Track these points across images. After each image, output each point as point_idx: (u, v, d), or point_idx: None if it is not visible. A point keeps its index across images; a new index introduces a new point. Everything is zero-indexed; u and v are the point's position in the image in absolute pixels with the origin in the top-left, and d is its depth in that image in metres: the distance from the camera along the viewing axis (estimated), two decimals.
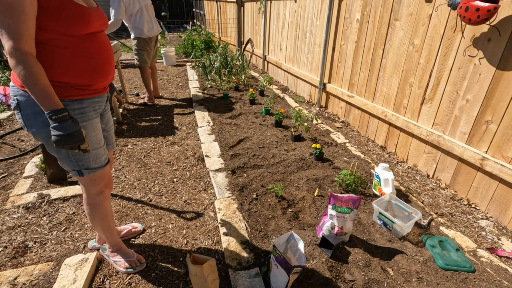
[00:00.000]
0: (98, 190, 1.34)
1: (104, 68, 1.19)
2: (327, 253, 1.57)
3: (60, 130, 1.02)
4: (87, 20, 1.08)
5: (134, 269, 1.51)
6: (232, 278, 1.45)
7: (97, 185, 1.32)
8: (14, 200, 2.03)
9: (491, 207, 2.02)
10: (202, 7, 11.71)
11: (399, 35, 2.56)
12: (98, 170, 1.27)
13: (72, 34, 1.06)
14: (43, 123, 1.10)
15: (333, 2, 3.39)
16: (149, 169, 2.48)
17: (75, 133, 1.05)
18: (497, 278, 1.50)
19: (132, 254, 1.56)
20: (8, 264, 1.54)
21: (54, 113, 1.01)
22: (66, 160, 1.20)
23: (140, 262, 1.54)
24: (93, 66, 1.14)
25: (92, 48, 1.13)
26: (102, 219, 1.42)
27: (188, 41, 7.54)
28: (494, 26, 1.83)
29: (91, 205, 1.37)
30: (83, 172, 1.24)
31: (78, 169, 1.22)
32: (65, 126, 1.02)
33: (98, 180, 1.31)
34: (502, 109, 1.86)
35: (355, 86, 3.26)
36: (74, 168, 1.22)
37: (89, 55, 1.12)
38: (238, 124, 3.38)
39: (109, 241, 1.52)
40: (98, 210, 1.39)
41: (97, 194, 1.35)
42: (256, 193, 2.10)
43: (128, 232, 1.73)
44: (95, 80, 1.17)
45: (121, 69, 3.98)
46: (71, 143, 1.05)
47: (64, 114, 1.03)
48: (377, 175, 2.11)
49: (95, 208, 1.38)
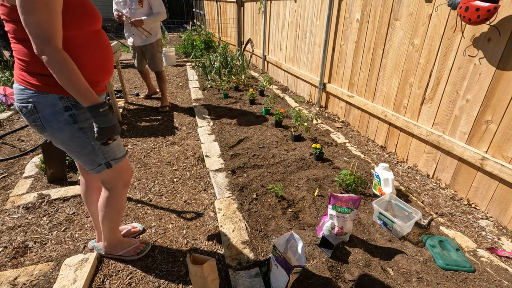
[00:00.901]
0: (124, 182, 1.34)
1: (110, 63, 1.23)
2: (327, 253, 1.57)
3: (106, 122, 1.08)
4: (98, 15, 1.12)
5: (143, 251, 1.59)
6: (232, 278, 1.45)
7: (124, 176, 1.33)
8: (14, 200, 2.03)
9: (491, 207, 2.02)
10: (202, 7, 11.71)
11: (399, 35, 2.56)
12: (122, 159, 1.29)
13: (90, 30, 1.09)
14: (65, 122, 1.11)
15: (333, 2, 3.39)
16: (149, 169, 2.48)
17: (116, 124, 1.12)
18: (497, 278, 1.50)
19: (134, 240, 1.60)
20: (8, 264, 1.54)
21: (100, 106, 1.06)
22: (92, 155, 1.19)
23: (145, 244, 1.62)
24: (104, 61, 1.18)
25: (103, 43, 1.17)
26: (119, 212, 1.42)
27: (188, 41, 7.54)
28: (494, 26, 1.83)
29: (116, 199, 1.35)
30: (111, 164, 1.24)
31: (106, 162, 1.23)
32: (109, 119, 1.09)
33: (125, 171, 1.32)
34: (502, 109, 1.86)
35: (355, 86, 3.26)
36: (101, 161, 1.22)
37: (102, 49, 1.17)
38: (238, 124, 3.38)
39: (114, 235, 1.51)
40: (120, 203, 1.38)
41: (123, 186, 1.35)
42: (256, 193, 2.10)
43: (127, 232, 1.73)
44: (104, 75, 1.21)
45: (121, 69, 3.98)
46: (113, 134, 1.11)
47: (106, 108, 1.09)
48: (377, 175, 2.11)
49: (120, 201, 1.37)
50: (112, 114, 1.14)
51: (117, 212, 1.42)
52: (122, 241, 1.56)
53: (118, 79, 5.22)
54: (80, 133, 1.14)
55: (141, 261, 1.58)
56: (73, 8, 1.01)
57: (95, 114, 1.06)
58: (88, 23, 1.07)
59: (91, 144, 1.17)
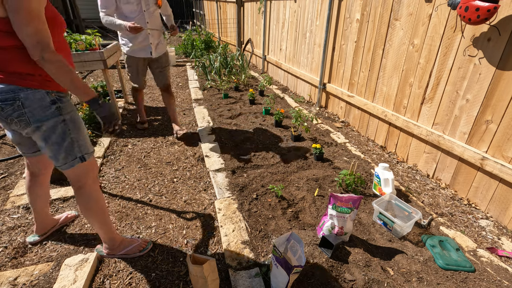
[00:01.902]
0: (94, 176, 1.39)
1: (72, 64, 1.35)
2: (327, 253, 1.57)
3: (106, 111, 1.23)
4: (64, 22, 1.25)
5: (146, 248, 1.62)
6: (232, 278, 1.45)
7: (93, 170, 1.39)
8: (14, 200, 2.03)
9: (491, 206, 2.02)
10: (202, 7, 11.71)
11: (399, 35, 2.56)
12: (93, 153, 1.37)
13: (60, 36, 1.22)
14: (52, 114, 1.19)
15: (333, 2, 3.39)
16: (149, 169, 2.48)
17: (115, 111, 1.26)
18: (497, 278, 1.50)
19: (135, 239, 1.64)
20: (8, 265, 1.54)
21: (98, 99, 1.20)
22: (69, 148, 1.26)
23: (147, 242, 1.65)
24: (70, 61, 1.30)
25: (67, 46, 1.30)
26: (103, 210, 1.45)
27: (188, 41, 7.54)
28: (494, 25, 1.83)
29: (90, 196, 1.39)
30: (86, 157, 1.31)
31: (81, 155, 1.30)
32: (108, 107, 1.23)
33: (94, 164, 1.39)
34: (502, 109, 1.86)
35: (355, 86, 3.26)
36: (77, 155, 1.28)
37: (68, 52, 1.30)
38: (238, 124, 3.38)
39: (111, 235, 1.52)
40: (98, 199, 1.42)
41: (93, 181, 1.39)
42: (256, 193, 2.10)
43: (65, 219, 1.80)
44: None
45: (120, 69, 3.98)
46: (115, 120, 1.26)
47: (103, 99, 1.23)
48: (377, 175, 2.11)
49: (94, 197, 1.40)
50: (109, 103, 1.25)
51: (101, 211, 1.44)
52: (123, 241, 1.58)
53: (118, 79, 5.22)
54: (62, 124, 1.22)
55: (141, 261, 1.58)
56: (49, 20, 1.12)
57: (95, 106, 1.19)
58: (59, 31, 1.21)
59: (71, 136, 1.25)
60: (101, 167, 2.49)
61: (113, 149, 2.79)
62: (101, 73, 5.75)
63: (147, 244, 1.64)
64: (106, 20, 2.43)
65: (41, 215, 1.63)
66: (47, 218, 1.69)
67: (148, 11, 2.55)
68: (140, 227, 1.83)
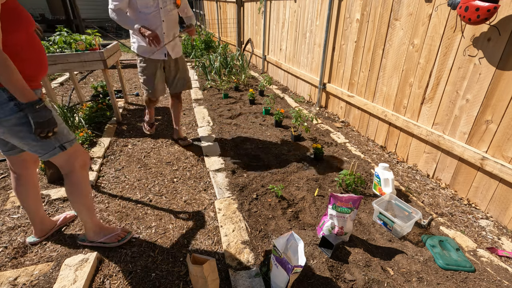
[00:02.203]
0: (82, 162, 1.40)
1: (45, 62, 1.33)
2: (327, 253, 1.57)
3: (42, 117, 1.17)
4: (30, 19, 1.21)
5: (125, 238, 1.64)
6: (232, 278, 1.45)
7: (80, 156, 1.39)
8: (14, 200, 2.03)
9: (491, 206, 2.02)
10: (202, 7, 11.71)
11: (399, 35, 2.56)
12: (75, 141, 1.36)
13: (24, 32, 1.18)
14: (11, 111, 1.17)
15: (333, 2, 3.39)
16: (149, 169, 2.48)
17: (52, 119, 1.21)
18: (497, 278, 1.50)
19: (116, 227, 1.66)
20: (8, 265, 1.54)
21: (36, 103, 1.15)
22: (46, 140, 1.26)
23: (126, 232, 1.68)
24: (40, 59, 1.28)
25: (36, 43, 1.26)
26: (87, 197, 1.48)
27: (188, 41, 7.54)
28: (494, 25, 1.83)
29: (78, 182, 1.41)
30: (66, 146, 1.31)
31: (60, 144, 1.30)
32: (46, 114, 1.18)
33: (79, 151, 1.39)
34: (502, 109, 1.86)
35: (355, 86, 3.26)
36: (55, 144, 1.29)
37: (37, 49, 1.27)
38: (238, 124, 3.38)
39: (94, 222, 1.57)
40: (84, 186, 1.44)
41: (82, 166, 1.40)
42: (256, 193, 2.10)
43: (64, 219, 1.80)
44: (40, 71, 1.29)
45: (121, 69, 3.98)
46: (49, 127, 1.20)
47: (43, 104, 1.17)
48: (377, 175, 2.11)
49: (81, 184, 1.42)
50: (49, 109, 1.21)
51: (85, 197, 1.47)
52: (104, 228, 1.63)
53: (118, 79, 5.22)
54: (26, 119, 1.20)
55: (141, 261, 1.58)
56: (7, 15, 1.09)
57: (31, 110, 1.15)
58: (22, 27, 1.17)
59: None
60: (101, 167, 2.49)
61: (113, 149, 2.79)
62: (101, 73, 5.75)
63: (126, 234, 1.67)
64: (117, 16, 2.14)
65: (36, 216, 1.63)
66: (45, 220, 1.69)
67: (165, 8, 2.26)
68: (140, 227, 1.83)
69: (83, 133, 2.79)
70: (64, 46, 2.98)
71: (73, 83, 3.68)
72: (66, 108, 3.09)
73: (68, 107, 3.22)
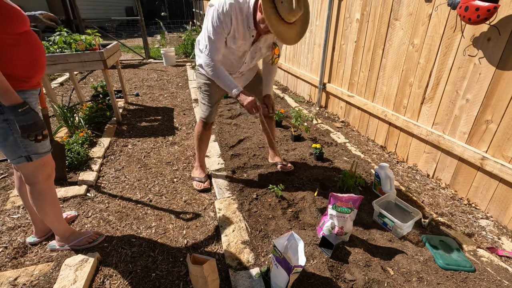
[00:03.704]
0: (46, 175, 1.39)
1: (40, 62, 1.29)
2: (327, 253, 1.57)
3: (26, 121, 1.14)
4: (24, 19, 1.18)
5: (96, 240, 1.65)
6: (232, 278, 1.45)
7: (46, 170, 1.37)
8: (14, 200, 2.03)
9: (491, 206, 2.02)
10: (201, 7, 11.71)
11: (399, 34, 2.56)
12: (45, 154, 1.34)
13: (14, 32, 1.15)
14: None
15: (333, 2, 3.39)
16: (149, 169, 2.48)
17: (39, 122, 1.18)
18: (497, 278, 1.50)
19: (86, 231, 1.67)
20: (8, 265, 1.54)
21: (18, 106, 1.12)
22: (14, 147, 1.24)
23: (99, 235, 1.68)
24: (33, 59, 1.24)
25: (30, 42, 1.23)
26: (53, 205, 1.47)
27: (188, 41, 7.54)
28: (494, 25, 1.83)
29: (41, 193, 1.40)
30: (32, 157, 1.29)
31: (27, 155, 1.28)
32: (30, 117, 1.15)
33: (47, 164, 1.37)
34: (502, 109, 1.86)
35: (355, 86, 3.26)
36: (22, 154, 1.27)
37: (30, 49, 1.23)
38: (238, 124, 3.38)
39: (62, 228, 1.56)
40: (49, 195, 1.43)
41: (45, 179, 1.39)
42: (256, 193, 2.10)
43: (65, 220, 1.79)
44: (34, 73, 1.27)
45: (120, 69, 3.98)
46: (36, 130, 1.17)
47: (27, 107, 1.14)
48: (377, 175, 2.11)
49: (46, 194, 1.41)
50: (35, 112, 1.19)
51: (52, 205, 1.46)
52: (73, 232, 1.62)
53: (118, 79, 5.22)
54: (4, 124, 1.19)
55: (141, 261, 1.58)
56: None
57: (15, 113, 1.13)
58: (13, 26, 1.13)
59: (14, 135, 1.23)
60: (101, 167, 2.49)
61: (113, 149, 2.79)
62: (101, 73, 5.75)
63: (98, 236, 1.67)
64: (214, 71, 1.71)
65: (38, 216, 1.63)
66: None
67: (248, 64, 1.92)
68: (140, 227, 1.83)
69: (83, 133, 2.79)
70: (64, 46, 2.98)
71: (73, 83, 3.68)
72: (66, 108, 3.09)
73: (68, 107, 3.23)
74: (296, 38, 1.60)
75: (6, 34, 1.12)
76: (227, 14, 1.54)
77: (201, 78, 1.94)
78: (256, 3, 1.55)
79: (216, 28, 1.59)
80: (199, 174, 2.26)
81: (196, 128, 2.14)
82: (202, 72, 1.89)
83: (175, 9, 17.20)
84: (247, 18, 1.60)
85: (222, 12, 1.54)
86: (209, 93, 1.96)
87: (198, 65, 1.90)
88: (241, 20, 1.59)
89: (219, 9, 1.54)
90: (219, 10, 1.54)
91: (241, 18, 1.59)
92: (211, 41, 1.64)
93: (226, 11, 1.53)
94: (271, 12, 1.44)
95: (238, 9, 1.55)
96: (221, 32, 1.61)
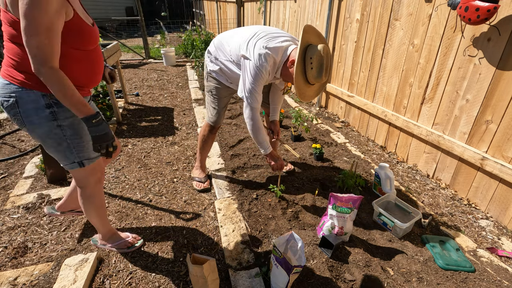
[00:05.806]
0: (97, 179, 1.40)
1: (98, 75, 1.32)
2: (327, 253, 1.57)
3: (99, 131, 1.15)
4: (95, 38, 1.22)
5: (133, 246, 1.64)
6: (232, 278, 1.45)
7: (96, 174, 1.38)
8: (14, 200, 2.03)
9: (491, 206, 2.02)
10: (202, 7, 11.72)
11: (399, 35, 2.56)
12: (96, 159, 1.35)
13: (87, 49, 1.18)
14: (45, 118, 1.16)
15: (333, 2, 3.39)
16: (149, 169, 2.48)
17: (109, 132, 1.19)
18: (497, 278, 1.50)
19: (128, 234, 1.67)
20: (8, 265, 1.54)
21: (93, 117, 1.13)
22: (67, 153, 1.25)
23: (137, 239, 1.68)
24: (93, 73, 1.27)
25: (95, 58, 1.26)
26: (101, 208, 1.49)
27: (188, 41, 7.54)
28: (494, 26, 1.83)
29: (91, 196, 1.42)
30: (85, 163, 1.30)
31: (79, 161, 1.28)
32: (101, 128, 1.16)
33: (97, 168, 1.38)
34: (502, 109, 1.86)
35: (355, 86, 3.26)
36: (75, 160, 1.27)
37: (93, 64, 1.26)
38: (238, 124, 3.38)
39: (106, 228, 1.59)
40: (97, 198, 1.45)
41: (96, 183, 1.40)
42: (256, 193, 2.10)
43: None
44: (90, 84, 1.29)
45: (120, 69, 3.98)
46: (107, 141, 1.18)
47: (100, 118, 1.16)
48: (377, 175, 2.11)
49: (95, 197, 1.43)
50: (106, 123, 1.20)
51: (99, 208, 1.48)
52: (114, 233, 1.64)
53: (118, 79, 5.21)
54: (58, 130, 1.19)
55: (141, 261, 1.58)
56: (72, 33, 1.09)
57: (89, 124, 1.13)
58: (84, 45, 1.16)
59: (67, 141, 1.23)
60: None
61: None
62: None
63: (137, 241, 1.68)
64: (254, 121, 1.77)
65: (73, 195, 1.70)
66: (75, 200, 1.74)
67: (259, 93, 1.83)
68: (140, 227, 1.82)
69: None
70: None
71: None
72: None
73: None
74: (313, 96, 1.75)
75: (80, 50, 1.16)
76: (265, 68, 1.63)
77: (213, 82, 1.97)
78: (287, 59, 1.65)
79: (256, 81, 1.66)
80: (199, 174, 2.27)
81: (202, 131, 2.15)
82: (214, 76, 1.94)
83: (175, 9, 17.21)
84: (278, 69, 1.71)
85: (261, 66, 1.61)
86: (218, 97, 1.99)
87: (209, 71, 1.96)
88: (272, 69, 1.69)
89: (257, 63, 1.61)
90: (257, 65, 1.61)
91: (272, 68, 1.68)
92: (253, 92, 1.68)
93: (265, 67, 1.62)
94: (300, 76, 1.59)
95: (272, 63, 1.65)
96: (261, 84, 1.69)
